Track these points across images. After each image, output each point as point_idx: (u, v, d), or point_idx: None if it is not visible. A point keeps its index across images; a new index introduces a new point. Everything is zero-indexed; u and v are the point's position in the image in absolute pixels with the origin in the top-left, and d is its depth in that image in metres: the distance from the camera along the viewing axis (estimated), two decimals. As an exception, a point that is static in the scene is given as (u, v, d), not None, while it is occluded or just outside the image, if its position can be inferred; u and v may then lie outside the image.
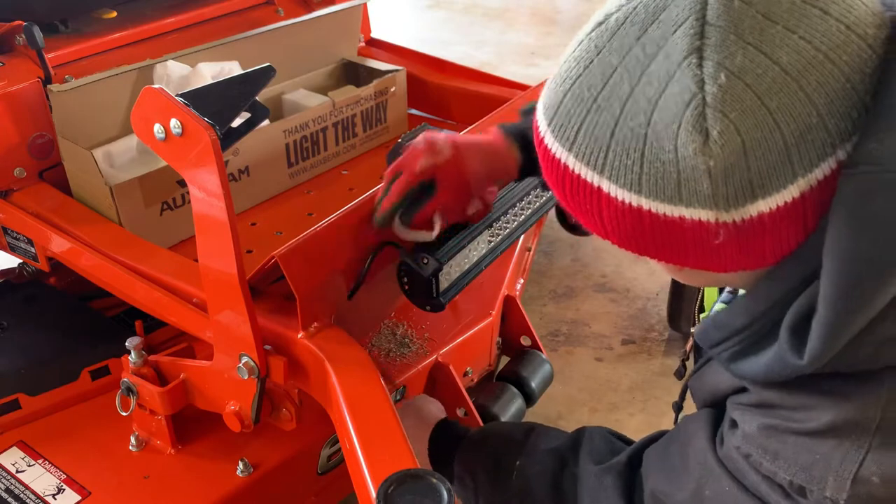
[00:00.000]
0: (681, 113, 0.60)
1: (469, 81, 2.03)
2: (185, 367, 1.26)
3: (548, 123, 0.69)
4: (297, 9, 2.02)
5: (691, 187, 0.62)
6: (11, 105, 1.49)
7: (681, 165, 0.61)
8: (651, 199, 0.64)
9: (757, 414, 0.74)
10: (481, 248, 1.30)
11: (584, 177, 0.67)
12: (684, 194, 0.62)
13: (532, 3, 5.16)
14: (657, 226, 0.65)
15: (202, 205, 1.03)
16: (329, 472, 1.41)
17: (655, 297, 2.38)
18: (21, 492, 1.28)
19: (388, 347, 1.41)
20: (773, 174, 0.60)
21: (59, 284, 1.69)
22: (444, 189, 1.09)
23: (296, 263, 1.08)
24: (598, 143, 0.65)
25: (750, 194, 0.61)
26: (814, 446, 0.68)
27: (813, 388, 0.68)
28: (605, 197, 0.66)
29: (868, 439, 0.66)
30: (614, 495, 0.93)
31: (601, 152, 0.65)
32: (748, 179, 0.60)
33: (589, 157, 0.66)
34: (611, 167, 0.64)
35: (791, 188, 0.61)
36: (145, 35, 1.75)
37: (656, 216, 0.64)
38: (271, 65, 1.11)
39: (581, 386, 2.07)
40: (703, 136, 0.59)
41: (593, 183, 0.66)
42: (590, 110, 0.65)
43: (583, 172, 0.67)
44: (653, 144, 0.62)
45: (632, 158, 0.63)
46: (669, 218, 0.64)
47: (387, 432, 0.98)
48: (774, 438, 0.71)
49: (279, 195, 1.72)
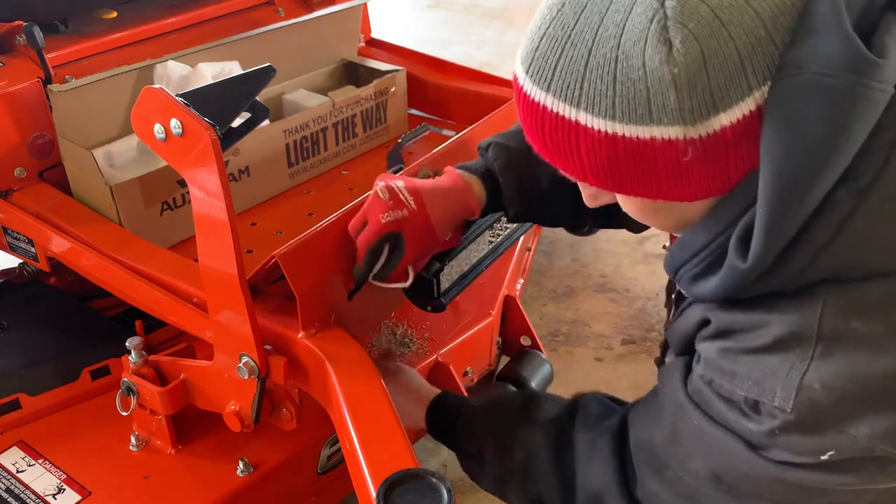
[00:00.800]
0: (645, 29, 0.66)
1: (469, 81, 2.03)
2: (186, 367, 1.26)
3: (525, 70, 0.75)
4: (297, 9, 2.02)
5: (660, 103, 0.67)
6: (11, 105, 1.49)
7: (649, 80, 0.67)
8: (624, 122, 0.69)
9: (716, 341, 0.79)
10: (482, 248, 1.30)
11: (562, 113, 0.72)
12: (654, 111, 0.68)
13: (532, 3, 5.09)
14: (631, 152, 0.70)
15: (202, 205, 1.03)
16: (329, 472, 1.41)
17: (655, 297, 2.38)
18: (21, 492, 1.28)
19: (388, 347, 1.41)
20: (731, 86, 0.67)
21: (60, 284, 1.69)
22: (411, 244, 1.09)
23: (296, 263, 1.08)
24: (573, 75, 0.70)
25: (712, 106, 0.67)
26: (764, 361, 0.73)
27: (761, 306, 0.74)
28: (583, 130, 0.71)
29: (810, 350, 0.71)
30: (607, 456, 0.96)
31: (577, 84, 0.70)
32: (710, 90, 0.66)
33: (566, 92, 0.71)
34: (587, 97, 0.70)
35: (748, 101, 0.67)
36: (145, 35, 1.75)
37: (630, 141, 0.70)
38: (271, 65, 1.11)
39: (581, 386, 2.04)
40: (666, 47, 0.66)
41: (570, 118, 0.72)
42: (564, 47, 0.71)
43: (560, 109, 0.72)
44: (623, 66, 0.67)
45: (605, 83, 0.68)
46: (642, 140, 0.69)
47: (387, 432, 0.98)
48: (730, 359, 0.77)
49: (279, 195, 1.72)
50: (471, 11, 5.04)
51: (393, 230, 1.07)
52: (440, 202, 1.09)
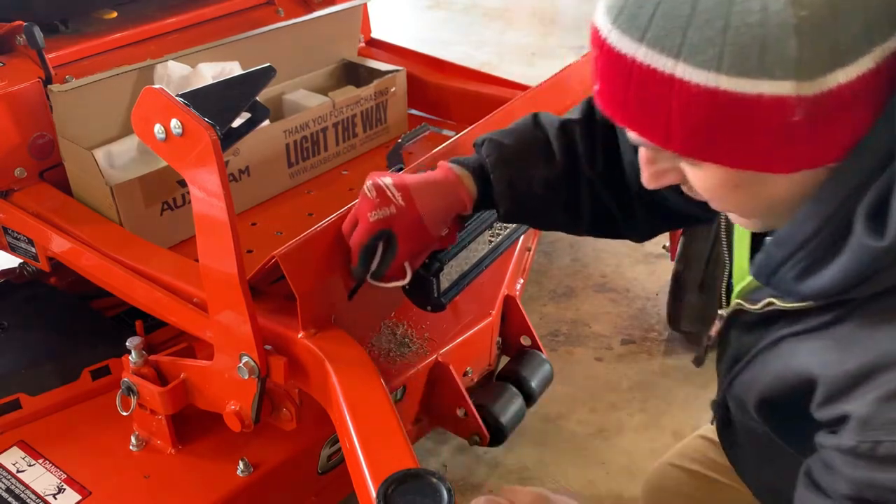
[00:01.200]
0: None
1: (469, 81, 2.03)
2: (186, 367, 1.26)
3: (612, 21, 0.68)
4: (297, 9, 2.02)
5: (776, 52, 0.61)
6: (12, 105, 1.49)
7: (768, 25, 0.60)
8: (730, 75, 0.62)
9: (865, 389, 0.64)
10: (482, 248, 1.30)
11: (656, 66, 0.65)
12: (767, 63, 0.61)
13: (532, 3, 5.16)
14: (731, 109, 0.63)
15: (202, 205, 1.03)
16: (329, 472, 1.41)
17: (655, 297, 2.38)
18: (21, 491, 1.28)
19: (388, 347, 1.41)
20: (857, 39, 0.60)
21: (60, 284, 1.69)
22: (403, 241, 1.07)
23: (296, 263, 1.08)
24: (675, 22, 0.63)
25: (832, 61, 0.61)
26: None
27: None
28: (678, 84, 0.64)
29: None
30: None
31: (678, 32, 0.63)
32: (834, 41, 0.60)
33: (663, 41, 0.64)
34: (689, 46, 0.63)
35: (867, 58, 0.61)
36: (146, 35, 1.75)
37: (732, 97, 0.63)
38: (271, 65, 1.11)
39: (581, 386, 2.07)
40: None
41: (665, 70, 0.65)
42: None
43: (654, 61, 0.65)
44: (739, 8, 0.61)
45: (714, 29, 0.62)
46: (746, 97, 0.62)
47: (387, 432, 0.98)
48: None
49: (279, 195, 1.72)
50: (471, 11, 5.04)
51: (383, 228, 1.06)
52: (429, 196, 1.07)
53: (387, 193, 1.05)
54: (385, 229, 1.06)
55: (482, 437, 1.42)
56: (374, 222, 1.05)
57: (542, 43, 4.50)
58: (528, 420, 1.65)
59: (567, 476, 1.81)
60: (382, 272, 1.09)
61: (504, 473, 1.81)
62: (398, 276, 1.12)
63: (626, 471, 1.81)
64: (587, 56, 1.98)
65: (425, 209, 1.06)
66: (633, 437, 1.90)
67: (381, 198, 1.05)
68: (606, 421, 1.95)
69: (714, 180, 0.71)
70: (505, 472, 1.82)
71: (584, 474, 1.81)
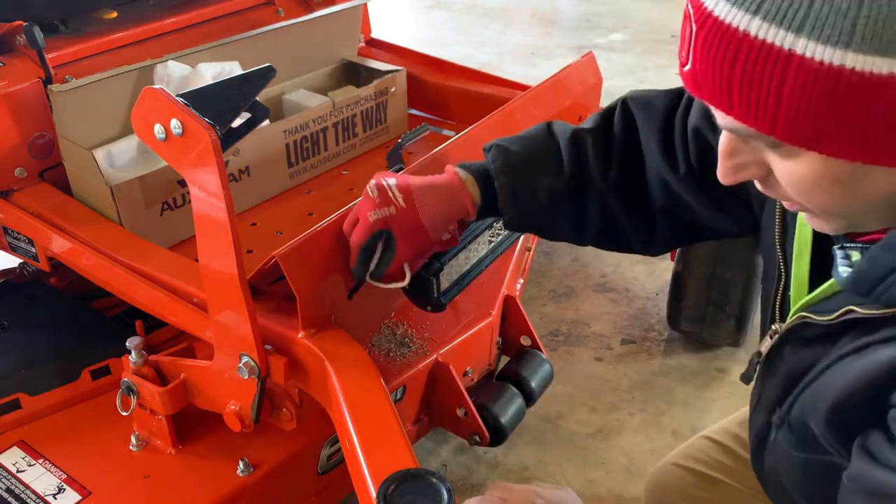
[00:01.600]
0: None
1: (469, 82, 2.03)
2: (186, 367, 1.26)
3: None
4: (297, 9, 2.02)
5: None
6: (12, 105, 1.49)
7: None
8: (861, 52, 0.56)
9: None
10: (481, 248, 1.30)
11: (772, 40, 0.58)
12: None
13: (532, 4, 5.16)
14: (854, 90, 0.57)
15: (202, 205, 1.03)
16: (329, 472, 1.41)
17: (655, 297, 2.38)
18: (21, 491, 1.28)
19: (388, 347, 1.41)
20: None
21: (60, 284, 1.69)
22: (402, 242, 1.06)
23: (296, 263, 1.08)
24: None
25: None
26: None
27: None
28: (797, 61, 0.58)
29: None
30: None
31: (804, 3, 0.57)
32: None
33: (784, 14, 0.58)
34: (815, 19, 0.57)
35: None
36: (145, 35, 1.75)
37: (860, 77, 0.56)
38: (271, 65, 1.11)
39: (581, 386, 2.07)
40: None
41: (783, 46, 0.58)
42: None
43: (770, 36, 0.58)
44: None
45: (848, 1, 0.56)
46: (875, 77, 0.56)
47: (387, 432, 0.98)
48: None
49: (279, 195, 1.73)
50: (471, 11, 5.04)
51: (381, 228, 1.05)
52: (432, 200, 1.06)
53: (388, 194, 1.05)
54: (384, 229, 1.05)
55: (482, 437, 1.42)
56: (374, 222, 1.05)
57: (542, 43, 4.50)
58: (528, 420, 1.65)
59: (567, 476, 1.81)
60: (381, 272, 1.09)
61: (504, 473, 1.81)
62: (397, 277, 1.12)
63: (625, 471, 1.82)
64: (587, 56, 1.99)
65: (426, 212, 1.05)
66: (633, 437, 1.90)
67: (382, 198, 1.05)
68: (606, 421, 1.95)
69: (810, 173, 0.64)
70: (505, 471, 1.82)
71: (584, 474, 1.81)
